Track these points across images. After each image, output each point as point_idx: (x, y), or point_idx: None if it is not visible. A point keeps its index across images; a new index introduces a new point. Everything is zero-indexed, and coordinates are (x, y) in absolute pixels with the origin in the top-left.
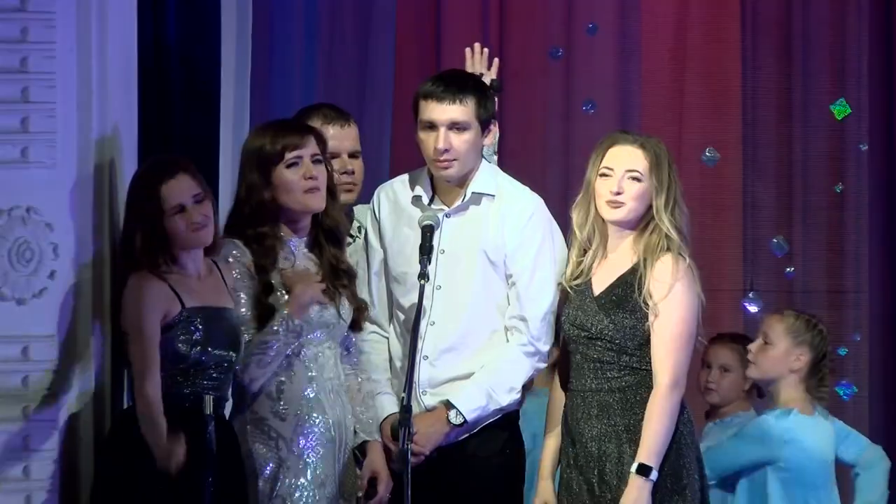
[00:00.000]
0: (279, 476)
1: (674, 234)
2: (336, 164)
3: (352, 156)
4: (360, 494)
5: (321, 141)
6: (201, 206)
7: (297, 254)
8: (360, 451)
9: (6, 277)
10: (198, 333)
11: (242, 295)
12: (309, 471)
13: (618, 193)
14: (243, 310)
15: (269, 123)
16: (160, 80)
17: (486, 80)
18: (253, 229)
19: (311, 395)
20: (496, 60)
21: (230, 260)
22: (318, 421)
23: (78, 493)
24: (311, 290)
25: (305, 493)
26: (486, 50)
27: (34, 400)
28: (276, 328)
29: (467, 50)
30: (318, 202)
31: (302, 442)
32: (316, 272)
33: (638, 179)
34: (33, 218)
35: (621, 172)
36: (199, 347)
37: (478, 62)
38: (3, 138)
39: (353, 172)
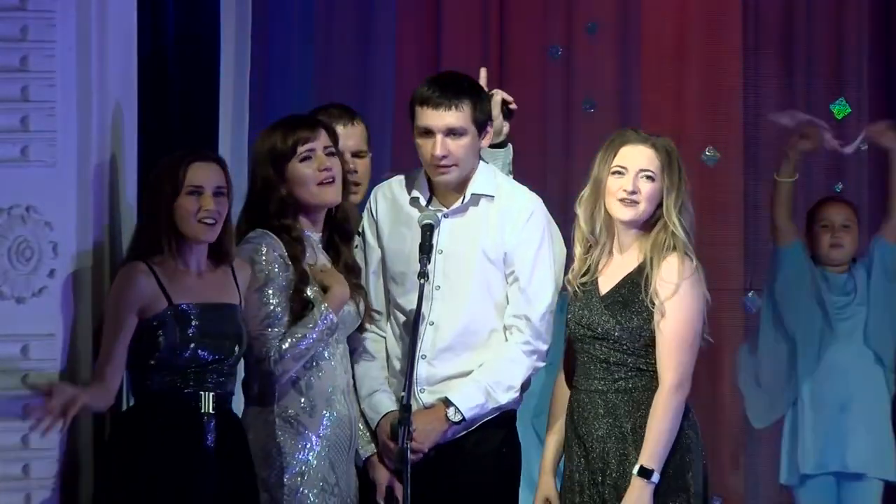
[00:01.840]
0: (304, 470)
1: (681, 234)
2: None
3: (355, 155)
4: (381, 502)
5: (332, 134)
6: (218, 200)
7: (317, 250)
8: (365, 460)
9: (6, 276)
10: (191, 329)
11: (269, 289)
12: (329, 467)
13: (633, 192)
14: (274, 302)
15: (277, 122)
16: (159, 78)
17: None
18: (279, 221)
19: (334, 392)
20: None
21: (264, 249)
22: (336, 417)
23: (77, 491)
24: (347, 288)
25: (327, 490)
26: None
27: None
28: (315, 322)
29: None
30: (334, 195)
31: (327, 436)
32: (332, 267)
33: (652, 179)
34: (33, 217)
35: (635, 172)
36: (192, 344)
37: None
38: (2, 137)
39: (355, 171)
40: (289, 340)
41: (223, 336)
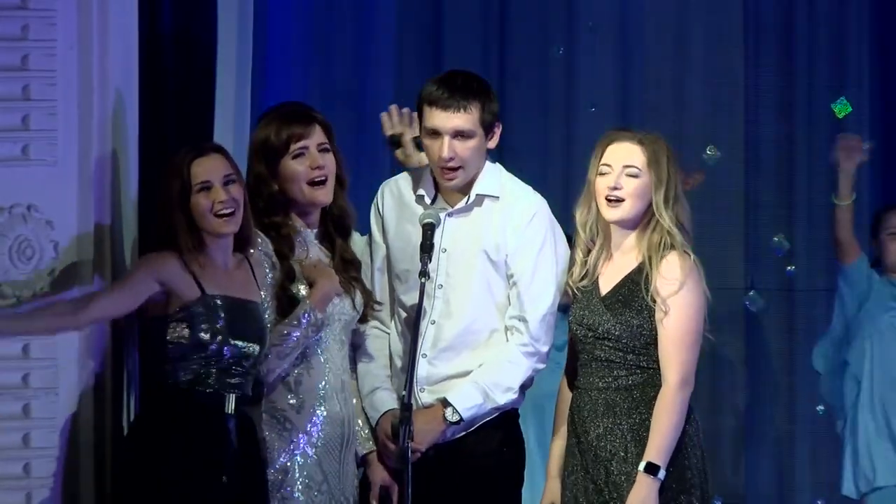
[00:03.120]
0: (289, 467)
1: (675, 231)
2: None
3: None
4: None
5: (327, 129)
6: (231, 189)
7: (310, 246)
8: (362, 458)
9: (7, 275)
10: (220, 322)
11: (265, 295)
12: (316, 464)
13: (615, 189)
14: (266, 302)
15: (275, 112)
16: (157, 76)
17: (409, 136)
18: (268, 218)
19: (326, 390)
20: (415, 116)
21: (251, 250)
22: (326, 415)
23: (78, 490)
24: (334, 284)
25: (312, 488)
26: (405, 110)
27: (34, 397)
28: (298, 320)
29: (383, 115)
30: (325, 195)
31: (314, 434)
32: (328, 264)
33: (636, 175)
34: (34, 216)
35: (619, 168)
36: (220, 337)
37: (397, 123)
38: (4, 136)
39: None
40: (273, 340)
41: (248, 333)
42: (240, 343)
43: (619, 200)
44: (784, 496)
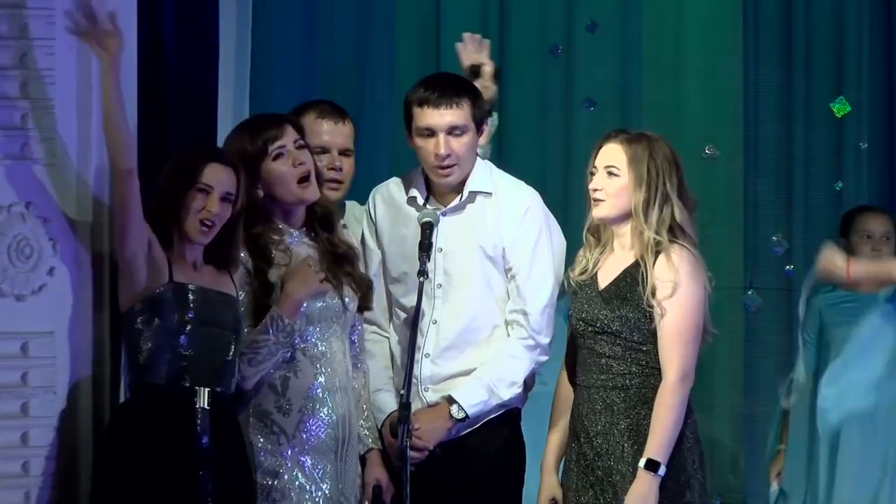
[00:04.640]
0: (278, 471)
1: (664, 234)
2: (325, 159)
3: (342, 153)
4: (366, 503)
5: (298, 128)
6: (223, 205)
7: (298, 245)
8: (361, 458)
9: (5, 274)
10: (189, 312)
11: (242, 295)
12: (308, 468)
13: (595, 189)
14: (242, 310)
15: (242, 123)
16: (158, 78)
17: (489, 68)
18: (245, 232)
19: (318, 391)
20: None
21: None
22: (322, 417)
23: (77, 489)
24: (304, 288)
25: (304, 490)
26: (486, 41)
27: (33, 396)
28: (265, 328)
29: (458, 45)
30: (313, 192)
31: (304, 437)
32: (319, 258)
33: (615, 175)
34: (32, 214)
35: (602, 169)
36: (189, 327)
37: (473, 52)
38: (2, 134)
39: (340, 169)
40: (243, 348)
41: (220, 325)
42: (210, 334)
43: (600, 200)
44: None
